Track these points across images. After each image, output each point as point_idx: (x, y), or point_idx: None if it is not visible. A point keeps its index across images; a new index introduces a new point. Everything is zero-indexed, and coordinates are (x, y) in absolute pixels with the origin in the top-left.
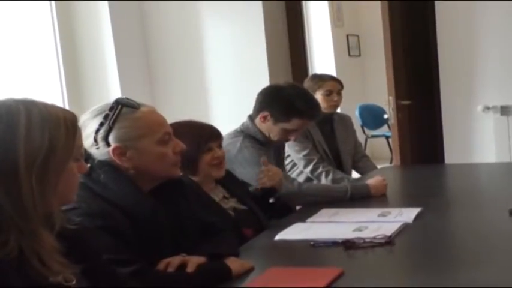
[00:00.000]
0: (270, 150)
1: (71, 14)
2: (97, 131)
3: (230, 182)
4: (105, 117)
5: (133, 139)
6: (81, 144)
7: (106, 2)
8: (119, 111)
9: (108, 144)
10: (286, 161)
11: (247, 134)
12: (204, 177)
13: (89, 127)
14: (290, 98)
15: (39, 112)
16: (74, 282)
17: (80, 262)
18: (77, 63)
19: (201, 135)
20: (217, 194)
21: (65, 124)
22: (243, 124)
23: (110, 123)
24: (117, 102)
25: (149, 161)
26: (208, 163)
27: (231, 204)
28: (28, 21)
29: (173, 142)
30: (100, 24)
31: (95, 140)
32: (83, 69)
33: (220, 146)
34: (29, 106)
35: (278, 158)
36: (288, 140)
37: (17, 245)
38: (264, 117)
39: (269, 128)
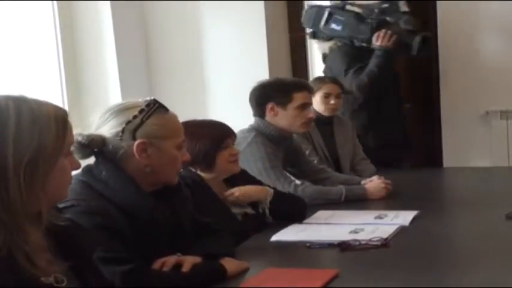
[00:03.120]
0: (280, 150)
1: (72, 14)
2: (128, 122)
3: (243, 183)
4: (140, 111)
5: (160, 137)
6: (72, 141)
7: (108, 2)
8: (155, 109)
9: (134, 138)
10: None
11: (260, 132)
12: (218, 173)
13: (115, 119)
14: (277, 80)
15: (29, 109)
16: (65, 284)
17: (69, 259)
18: (77, 62)
19: (218, 133)
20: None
21: (56, 122)
22: (251, 125)
23: (144, 118)
24: (155, 100)
25: (164, 162)
26: (225, 160)
27: (241, 208)
28: (30, 21)
29: (183, 151)
30: (102, 24)
31: (123, 130)
32: (83, 69)
33: (233, 143)
34: (18, 103)
35: (287, 159)
36: (310, 120)
37: (6, 243)
38: (272, 109)
39: (284, 117)
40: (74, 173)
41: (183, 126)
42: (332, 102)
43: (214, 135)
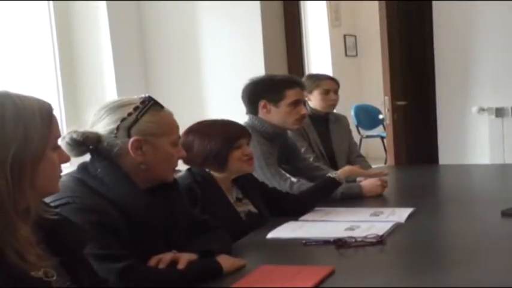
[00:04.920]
0: (274, 147)
1: (68, 14)
2: (123, 119)
3: (247, 183)
4: (135, 108)
5: (155, 135)
6: (59, 134)
7: (104, 2)
8: (150, 106)
9: (128, 135)
10: None
11: (255, 130)
12: (230, 173)
13: (110, 117)
14: (269, 77)
15: (13, 105)
16: (54, 278)
17: (59, 254)
18: (73, 62)
19: (230, 132)
20: (232, 195)
21: (41, 115)
22: (246, 123)
23: (139, 115)
24: (150, 98)
25: (159, 159)
26: (238, 159)
27: (244, 207)
28: (26, 21)
29: (178, 148)
30: (98, 24)
31: (118, 128)
32: (79, 69)
33: (248, 143)
34: (2, 99)
35: (282, 156)
36: (303, 117)
37: None
38: (264, 107)
39: (276, 114)
40: (69, 169)
41: (197, 127)
42: (332, 98)
43: (226, 134)
